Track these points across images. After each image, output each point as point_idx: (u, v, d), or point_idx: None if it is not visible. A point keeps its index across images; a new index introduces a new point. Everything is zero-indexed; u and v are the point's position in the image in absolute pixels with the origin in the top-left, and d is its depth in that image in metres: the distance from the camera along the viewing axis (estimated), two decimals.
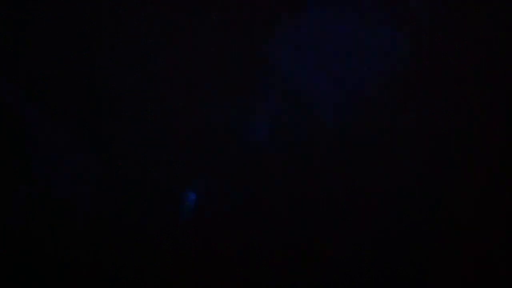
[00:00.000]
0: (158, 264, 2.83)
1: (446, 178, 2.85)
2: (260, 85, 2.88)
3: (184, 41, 2.86)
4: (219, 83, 2.87)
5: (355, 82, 2.87)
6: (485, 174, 2.85)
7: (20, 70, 2.84)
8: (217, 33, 2.86)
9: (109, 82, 2.85)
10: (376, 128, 2.86)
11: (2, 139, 2.82)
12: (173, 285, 2.82)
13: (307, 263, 2.83)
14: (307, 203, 2.85)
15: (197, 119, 2.87)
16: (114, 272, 2.82)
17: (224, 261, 2.84)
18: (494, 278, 2.81)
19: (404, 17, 2.87)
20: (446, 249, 2.83)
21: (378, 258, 2.82)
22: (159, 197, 2.85)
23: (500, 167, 2.86)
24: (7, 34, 2.84)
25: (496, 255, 2.83)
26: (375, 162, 2.86)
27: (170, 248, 2.83)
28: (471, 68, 2.87)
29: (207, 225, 2.85)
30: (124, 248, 2.83)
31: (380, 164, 2.85)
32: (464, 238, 2.84)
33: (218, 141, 2.87)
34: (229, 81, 2.87)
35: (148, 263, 2.83)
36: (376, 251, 2.83)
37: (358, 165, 2.86)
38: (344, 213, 2.85)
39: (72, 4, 2.85)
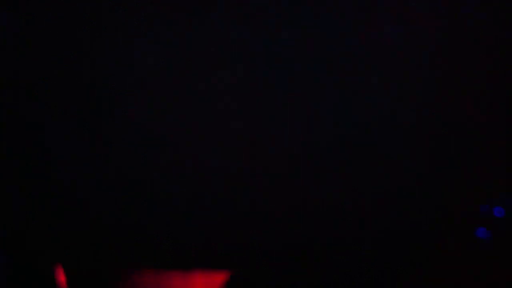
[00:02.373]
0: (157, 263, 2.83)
1: (446, 178, 2.86)
2: (260, 85, 2.88)
3: (184, 40, 2.87)
4: (219, 82, 2.88)
5: (355, 82, 2.88)
6: (485, 174, 2.86)
7: (20, 70, 2.84)
8: (217, 32, 2.86)
9: (109, 82, 2.85)
10: (376, 128, 2.86)
11: (2, 139, 2.83)
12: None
13: (307, 263, 2.83)
14: (307, 203, 2.86)
15: (196, 119, 2.88)
16: (115, 272, 2.83)
17: (224, 260, 2.84)
18: (494, 278, 2.81)
19: (403, 16, 2.87)
20: (446, 249, 2.83)
21: (378, 258, 2.83)
22: (159, 198, 2.85)
23: (500, 167, 2.86)
24: (7, 34, 2.84)
25: (496, 255, 2.83)
26: (375, 162, 2.86)
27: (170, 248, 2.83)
28: (471, 68, 2.87)
29: (207, 225, 2.85)
30: (125, 248, 2.83)
31: (380, 164, 2.86)
32: (463, 238, 2.84)
33: (218, 141, 2.88)
34: (230, 81, 2.88)
35: (148, 263, 2.83)
36: (376, 251, 2.83)
37: (358, 165, 2.86)
38: (344, 213, 2.85)
39: (72, 4, 2.85)
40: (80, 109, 2.85)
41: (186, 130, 2.87)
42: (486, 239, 2.81)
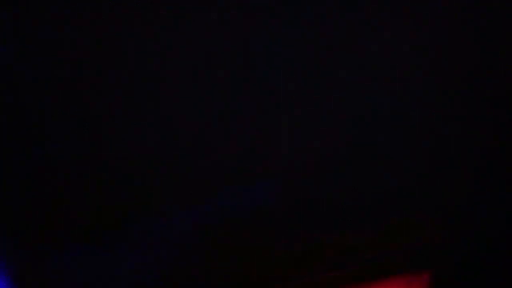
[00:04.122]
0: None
1: (446, 177, 2.86)
2: (261, 85, 2.88)
3: (183, 40, 2.87)
4: (220, 82, 2.88)
5: (355, 81, 2.88)
6: (485, 174, 2.87)
7: (21, 70, 2.84)
8: (217, 32, 2.86)
9: (109, 82, 2.85)
10: (376, 128, 2.86)
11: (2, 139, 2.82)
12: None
13: (307, 262, 2.83)
14: (307, 203, 2.86)
15: (196, 119, 2.88)
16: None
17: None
18: (494, 278, 2.82)
19: (404, 16, 2.88)
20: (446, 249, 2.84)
21: (378, 258, 2.83)
22: (158, 198, 2.85)
23: (500, 167, 2.87)
24: (7, 33, 2.84)
25: (495, 255, 2.84)
26: (375, 162, 2.86)
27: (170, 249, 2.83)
28: (471, 68, 2.88)
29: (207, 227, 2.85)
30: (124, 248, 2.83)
31: (380, 164, 2.86)
32: (463, 238, 2.85)
33: (218, 141, 2.88)
34: (231, 81, 2.88)
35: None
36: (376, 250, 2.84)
37: (358, 165, 2.86)
38: (343, 213, 2.85)
39: (72, 4, 2.85)
40: (80, 109, 2.84)
41: (186, 131, 2.87)
42: None
